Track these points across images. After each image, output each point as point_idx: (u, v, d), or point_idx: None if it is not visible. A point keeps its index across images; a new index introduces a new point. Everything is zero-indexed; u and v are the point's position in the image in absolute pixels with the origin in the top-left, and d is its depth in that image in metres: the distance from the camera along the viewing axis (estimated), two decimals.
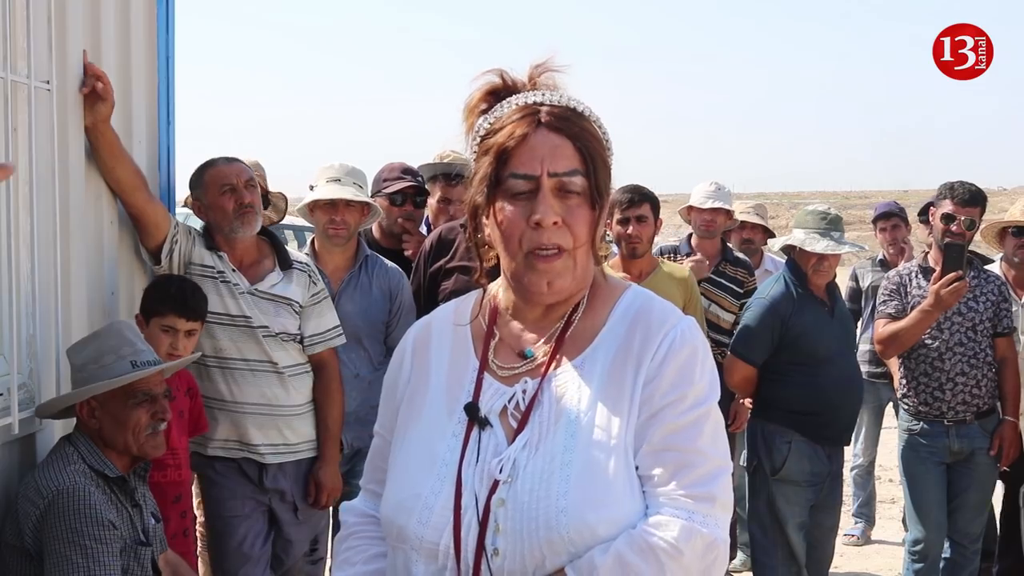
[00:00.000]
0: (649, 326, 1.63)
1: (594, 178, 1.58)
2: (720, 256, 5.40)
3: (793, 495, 4.40)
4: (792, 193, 44.69)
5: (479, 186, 1.62)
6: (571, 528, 1.50)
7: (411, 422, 1.69)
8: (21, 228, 2.90)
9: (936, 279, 4.39)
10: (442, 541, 1.56)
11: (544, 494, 1.52)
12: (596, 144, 1.61)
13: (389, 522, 1.63)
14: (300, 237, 10.62)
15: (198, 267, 3.58)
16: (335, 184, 4.19)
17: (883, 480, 7.32)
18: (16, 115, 2.87)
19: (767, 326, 4.39)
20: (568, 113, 1.60)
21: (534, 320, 1.67)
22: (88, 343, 2.89)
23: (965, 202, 4.54)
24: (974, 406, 4.53)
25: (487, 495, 1.55)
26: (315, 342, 3.78)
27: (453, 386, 1.68)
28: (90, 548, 2.57)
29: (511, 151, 1.58)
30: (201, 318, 3.41)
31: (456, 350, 1.71)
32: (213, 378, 3.63)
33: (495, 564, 1.53)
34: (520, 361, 1.66)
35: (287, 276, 3.74)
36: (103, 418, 2.80)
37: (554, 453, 1.55)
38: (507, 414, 1.61)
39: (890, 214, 6.49)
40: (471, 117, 1.67)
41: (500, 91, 1.66)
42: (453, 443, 1.62)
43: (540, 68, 1.66)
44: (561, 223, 1.56)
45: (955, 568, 4.66)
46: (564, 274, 1.59)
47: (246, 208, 3.63)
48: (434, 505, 1.57)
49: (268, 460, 3.69)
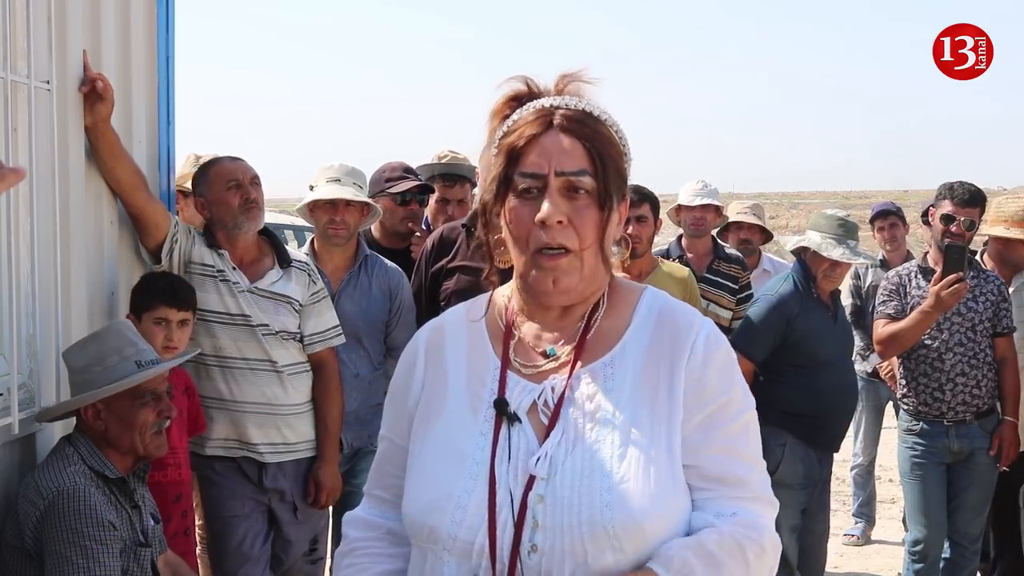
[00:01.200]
0: (676, 326, 1.66)
1: (603, 180, 1.58)
2: (712, 254, 5.39)
3: (786, 498, 4.33)
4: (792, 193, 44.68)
5: (491, 185, 1.63)
6: (617, 523, 1.51)
7: (432, 422, 1.67)
8: (21, 228, 2.91)
9: (937, 280, 4.39)
10: (477, 540, 1.55)
11: (587, 490, 1.53)
12: (609, 147, 1.61)
13: (418, 523, 1.61)
14: (300, 237, 10.62)
15: (198, 266, 3.59)
16: (335, 184, 4.20)
17: (883, 480, 7.31)
18: (16, 115, 2.87)
19: (772, 324, 4.36)
20: (583, 116, 1.61)
21: (553, 320, 1.67)
22: (87, 345, 2.88)
23: (965, 203, 4.54)
24: (974, 406, 4.53)
25: (523, 492, 1.55)
26: (315, 341, 3.79)
27: (475, 384, 1.67)
28: (90, 549, 2.57)
29: (521, 150, 1.59)
30: (191, 307, 3.42)
31: (474, 349, 1.71)
32: (213, 377, 3.63)
33: (532, 561, 1.52)
34: (543, 360, 1.66)
35: (287, 274, 3.75)
36: (109, 419, 2.80)
37: (593, 451, 1.56)
38: (537, 411, 1.61)
39: (887, 212, 6.50)
40: (493, 121, 1.68)
41: (524, 97, 1.67)
42: (482, 441, 1.61)
43: (568, 78, 1.67)
44: (567, 223, 1.56)
45: (955, 568, 4.66)
46: (570, 273, 1.59)
47: (251, 204, 3.67)
48: (468, 504, 1.56)
49: (268, 459, 3.69)
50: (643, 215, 4.59)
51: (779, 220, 34.22)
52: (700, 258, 5.36)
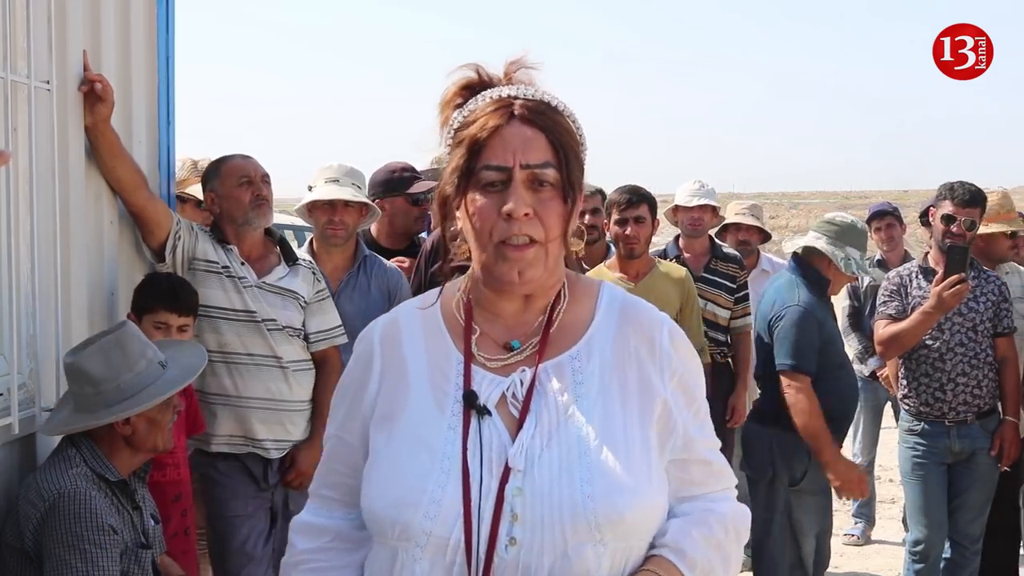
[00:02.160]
0: (640, 320, 1.69)
1: (566, 171, 1.58)
2: (710, 254, 5.39)
3: (813, 504, 4.32)
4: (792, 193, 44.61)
5: (450, 177, 1.62)
6: (599, 513, 1.52)
7: (396, 419, 1.64)
8: (21, 228, 2.91)
9: (938, 281, 4.39)
10: (452, 535, 1.53)
11: (567, 482, 1.53)
12: (569, 138, 1.61)
13: (387, 520, 1.58)
14: (300, 237, 10.60)
15: (202, 262, 3.60)
16: (334, 185, 4.20)
17: (883, 480, 7.32)
18: (16, 115, 2.87)
19: (811, 332, 4.17)
20: (542, 107, 1.60)
21: (514, 314, 1.67)
22: (107, 352, 2.77)
23: (965, 203, 4.54)
24: (975, 406, 4.53)
25: (499, 485, 1.54)
26: (319, 339, 3.81)
27: (438, 379, 1.64)
28: (89, 552, 2.56)
29: (484, 142, 1.57)
30: (192, 312, 3.41)
31: (433, 345, 1.68)
32: (217, 373, 3.63)
33: (510, 555, 1.52)
34: (507, 353, 1.65)
35: (294, 271, 3.79)
36: (137, 423, 2.78)
37: (571, 442, 1.56)
38: (506, 403, 1.60)
39: (884, 213, 6.51)
40: (446, 111, 1.66)
41: (475, 86, 1.65)
42: (451, 435, 1.59)
43: (515, 64, 1.66)
44: (533, 215, 1.56)
45: (955, 568, 4.66)
46: (535, 264, 1.58)
47: (261, 200, 3.71)
48: (441, 499, 1.54)
49: (273, 455, 3.71)
50: (641, 216, 4.58)
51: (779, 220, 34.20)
52: (697, 258, 5.37)
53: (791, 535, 4.33)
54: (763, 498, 4.32)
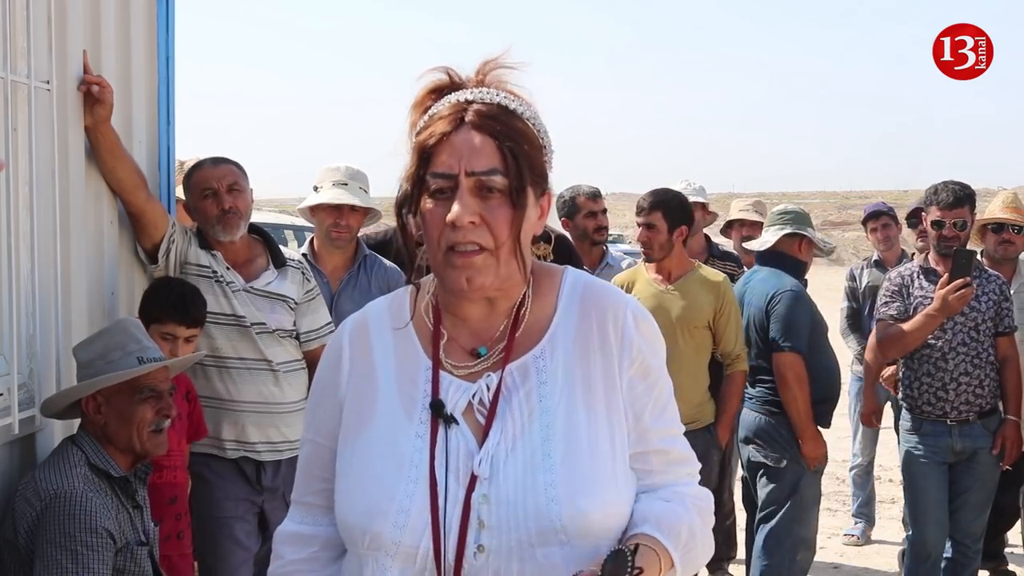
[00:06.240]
0: (603, 307, 1.66)
1: (516, 177, 1.55)
2: (707, 253, 5.38)
3: (813, 479, 4.56)
4: (792, 193, 44.68)
5: (404, 184, 1.61)
6: (564, 516, 1.51)
7: (364, 425, 1.63)
8: (21, 228, 2.90)
9: (943, 284, 4.40)
10: (421, 544, 1.53)
11: (531, 485, 1.53)
12: (524, 143, 1.57)
13: (358, 529, 1.58)
14: (300, 237, 10.61)
15: (194, 267, 3.59)
16: (342, 189, 4.20)
17: (883, 480, 7.31)
18: (16, 115, 2.87)
19: (806, 314, 4.48)
20: (496, 111, 1.57)
21: (480, 318, 1.65)
22: (95, 340, 2.88)
23: (950, 205, 4.54)
24: (977, 406, 4.53)
25: (465, 493, 1.54)
26: (311, 338, 3.81)
27: (406, 386, 1.63)
28: (81, 554, 2.55)
29: (431, 149, 1.56)
30: (200, 324, 3.42)
31: (402, 350, 1.67)
32: (210, 378, 3.63)
33: (479, 562, 1.52)
34: (474, 360, 1.64)
35: (281, 274, 3.77)
36: (108, 414, 2.79)
37: (534, 446, 1.56)
38: (473, 410, 1.60)
39: (879, 213, 6.51)
40: (414, 114, 1.63)
41: (446, 88, 1.62)
42: (419, 444, 1.58)
43: (490, 65, 1.63)
44: (480, 222, 1.54)
45: (956, 568, 4.66)
46: (484, 271, 1.56)
47: (228, 213, 3.63)
48: (410, 508, 1.54)
49: (265, 458, 3.70)
50: (652, 223, 4.60)
51: None
52: (694, 256, 5.36)
53: (802, 517, 4.50)
54: (790, 479, 4.48)
